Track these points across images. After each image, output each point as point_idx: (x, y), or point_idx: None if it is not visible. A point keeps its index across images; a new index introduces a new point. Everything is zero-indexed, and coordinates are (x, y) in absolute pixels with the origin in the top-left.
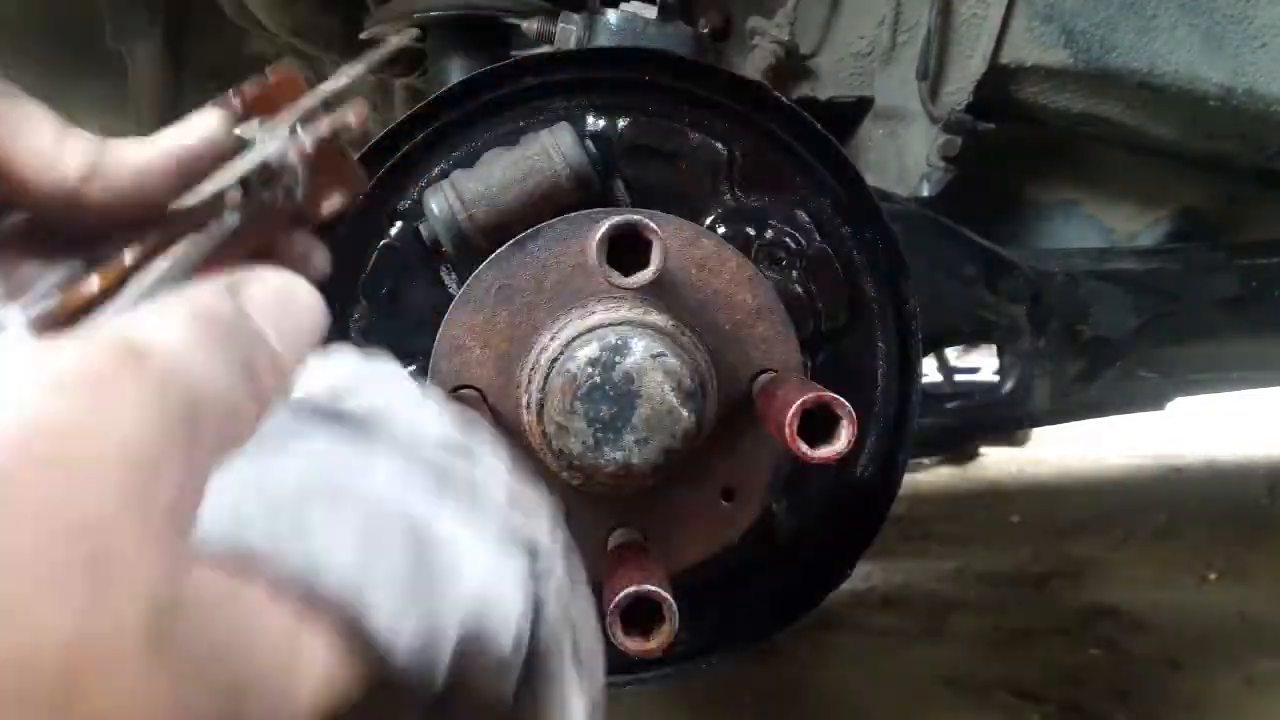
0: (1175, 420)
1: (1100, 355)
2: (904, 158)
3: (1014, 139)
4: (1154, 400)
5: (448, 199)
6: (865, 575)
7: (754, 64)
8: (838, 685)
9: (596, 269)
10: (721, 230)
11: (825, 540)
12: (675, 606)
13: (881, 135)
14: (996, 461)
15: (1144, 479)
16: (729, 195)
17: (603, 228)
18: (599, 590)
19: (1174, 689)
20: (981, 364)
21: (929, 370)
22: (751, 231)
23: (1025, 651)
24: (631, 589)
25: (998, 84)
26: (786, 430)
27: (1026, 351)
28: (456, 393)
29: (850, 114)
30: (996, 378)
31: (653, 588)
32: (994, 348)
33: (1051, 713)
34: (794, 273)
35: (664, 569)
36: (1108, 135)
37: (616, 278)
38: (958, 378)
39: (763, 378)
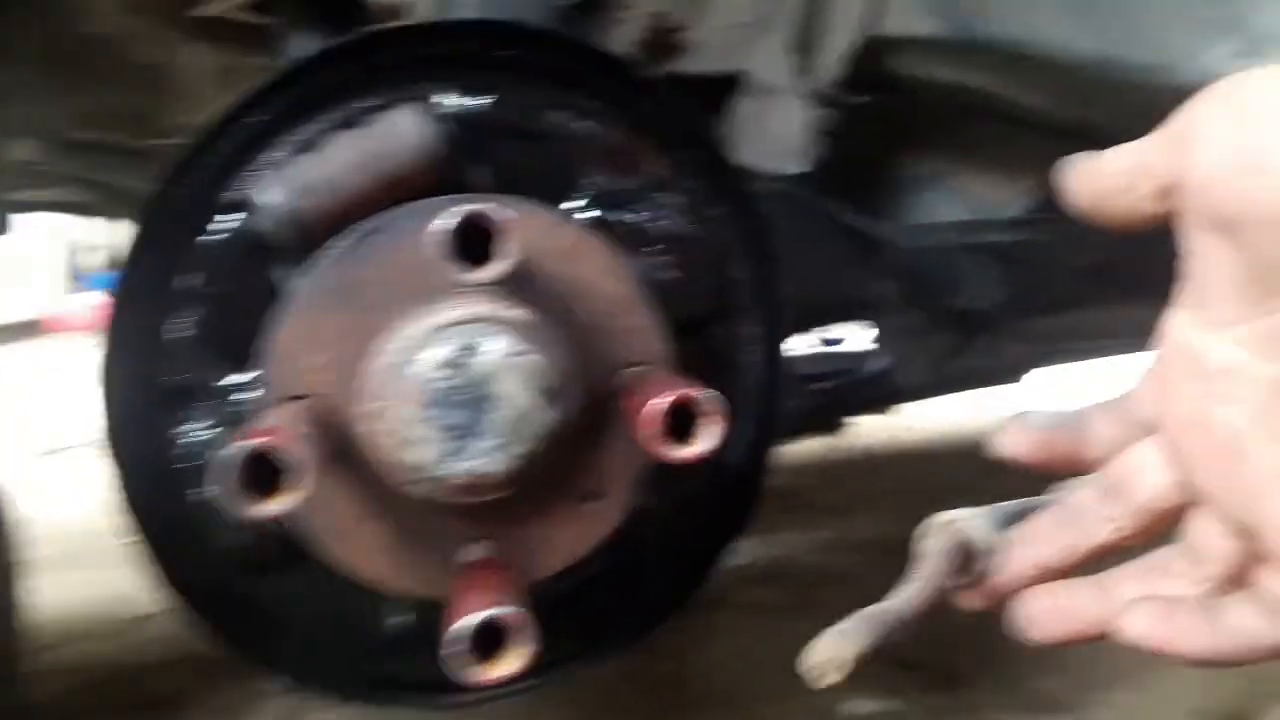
0: (1027, 383)
1: (969, 329)
2: (777, 133)
3: (885, 111)
4: (1014, 372)
5: (282, 188)
6: (744, 550)
7: (622, 38)
8: (719, 668)
9: (443, 262)
10: (586, 214)
11: (696, 533)
12: (532, 627)
13: (754, 110)
14: (868, 429)
15: None
16: (595, 177)
17: (447, 217)
18: (444, 611)
19: (1042, 649)
20: (846, 334)
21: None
22: (619, 215)
23: None
24: (480, 613)
25: (870, 56)
26: (653, 431)
27: (898, 328)
28: (290, 402)
29: (722, 89)
30: (864, 348)
31: (504, 610)
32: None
33: (925, 680)
34: (662, 258)
35: (521, 584)
36: (980, 106)
37: (465, 271)
38: (826, 347)
39: (629, 372)
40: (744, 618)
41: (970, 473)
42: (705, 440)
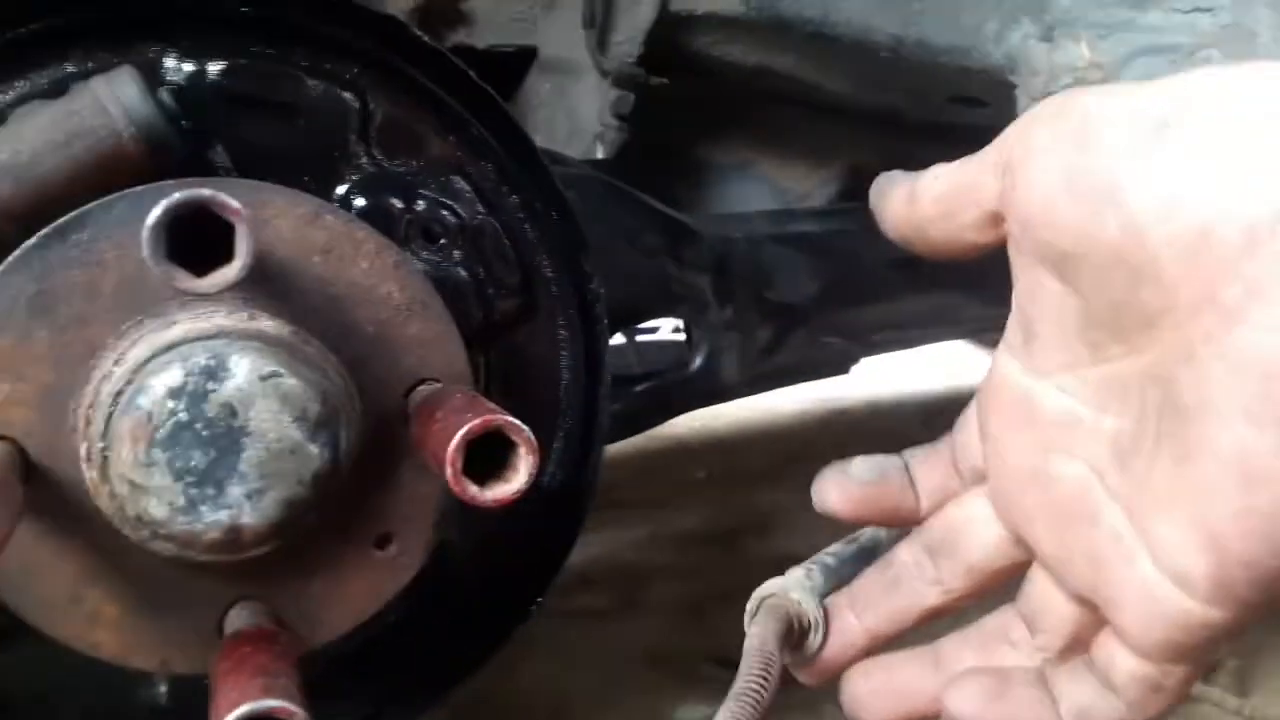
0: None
1: (786, 322)
2: (574, 116)
3: (687, 96)
4: (839, 364)
5: None
6: None
7: (397, 4)
8: (540, 679)
9: (159, 266)
10: (360, 203)
11: (512, 565)
12: (304, 716)
13: (549, 90)
14: (679, 418)
15: (813, 423)
16: (366, 159)
17: (157, 209)
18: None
19: None
20: (658, 331)
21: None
22: (398, 203)
23: (723, 616)
24: (245, 708)
25: (669, 34)
26: (449, 469)
27: (714, 323)
28: None
29: (514, 65)
30: (678, 337)
31: (275, 702)
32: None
33: None
34: (455, 252)
35: (294, 661)
36: (781, 91)
37: (184, 279)
38: (640, 339)
39: (420, 391)
40: (565, 625)
41: (783, 458)
42: (515, 478)
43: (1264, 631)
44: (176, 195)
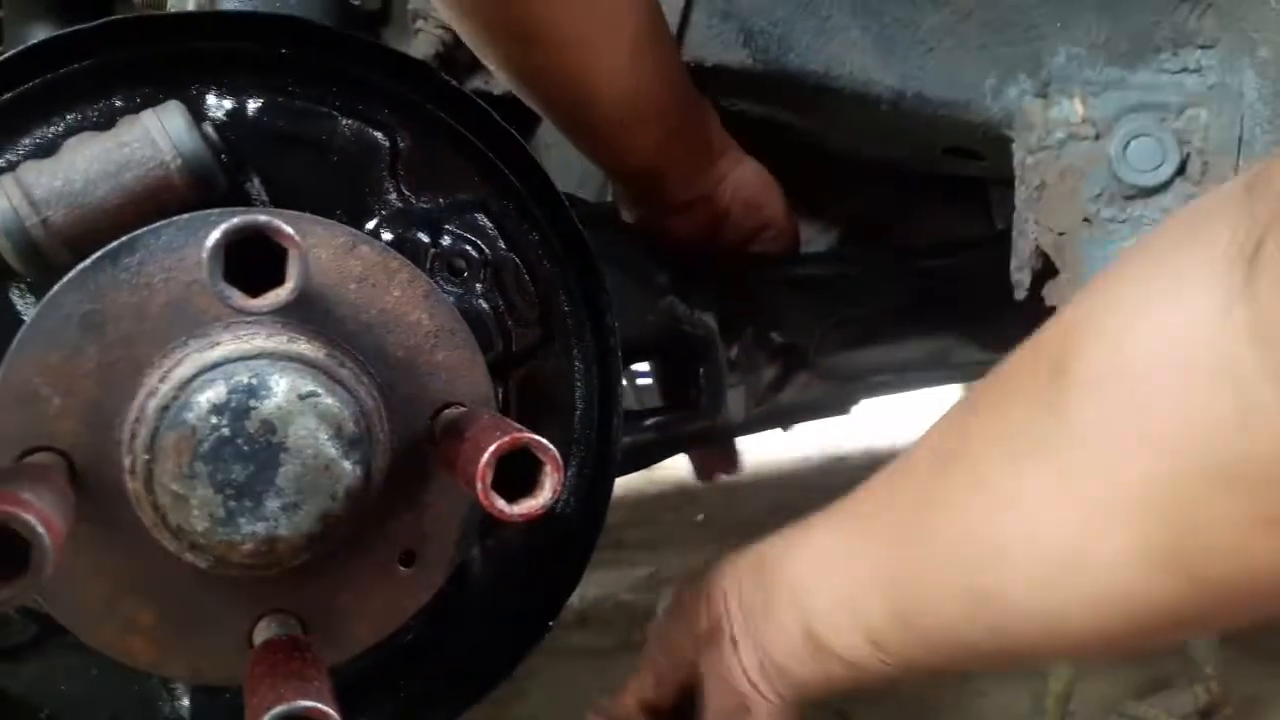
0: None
1: (790, 362)
2: (587, 160)
3: None
4: (840, 404)
5: (10, 197)
6: None
7: (417, 51)
8: (537, 717)
9: (212, 287)
10: (387, 236)
11: (525, 587)
12: None
13: (556, 135)
14: (679, 461)
15: (811, 470)
16: (394, 195)
17: (217, 232)
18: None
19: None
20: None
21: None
22: (425, 238)
23: None
24: (281, 708)
25: None
26: (479, 484)
27: (720, 362)
28: (28, 458)
29: (530, 111)
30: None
31: (310, 703)
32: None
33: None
34: (478, 286)
35: (324, 668)
36: (785, 140)
37: (239, 298)
38: (639, 381)
39: (447, 414)
40: (565, 663)
41: (781, 503)
42: (540, 495)
43: (1260, 679)
44: (236, 220)
